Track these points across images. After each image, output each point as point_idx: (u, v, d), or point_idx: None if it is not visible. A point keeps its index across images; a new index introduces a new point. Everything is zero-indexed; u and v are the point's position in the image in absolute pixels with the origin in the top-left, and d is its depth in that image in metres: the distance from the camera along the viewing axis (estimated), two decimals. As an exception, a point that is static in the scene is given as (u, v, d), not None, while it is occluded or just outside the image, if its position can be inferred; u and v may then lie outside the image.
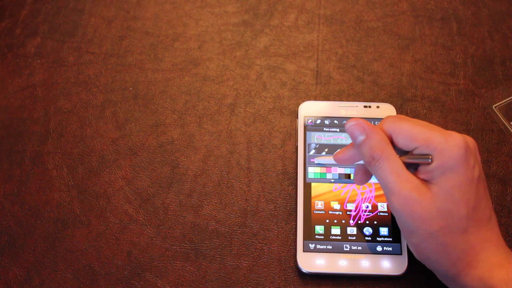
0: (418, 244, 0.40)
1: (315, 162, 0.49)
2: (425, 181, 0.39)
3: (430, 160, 0.38)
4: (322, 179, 0.48)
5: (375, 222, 0.46)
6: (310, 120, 0.51)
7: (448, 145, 0.38)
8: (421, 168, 0.40)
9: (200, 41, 0.58)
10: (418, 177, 0.39)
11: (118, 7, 0.61)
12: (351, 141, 0.48)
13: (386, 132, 0.41)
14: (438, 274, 0.41)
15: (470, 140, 0.40)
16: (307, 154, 0.50)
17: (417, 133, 0.39)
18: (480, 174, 0.39)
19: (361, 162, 0.43)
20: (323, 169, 0.49)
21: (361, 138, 0.41)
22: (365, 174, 0.44)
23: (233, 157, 0.51)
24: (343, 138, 0.50)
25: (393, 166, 0.39)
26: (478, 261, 0.38)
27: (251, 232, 0.48)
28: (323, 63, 0.57)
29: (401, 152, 0.41)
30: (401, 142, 0.40)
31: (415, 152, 0.40)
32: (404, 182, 0.39)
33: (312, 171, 0.49)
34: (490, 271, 0.38)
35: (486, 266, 0.38)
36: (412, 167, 0.40)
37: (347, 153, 0.43)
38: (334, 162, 0.45)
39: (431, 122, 0.52)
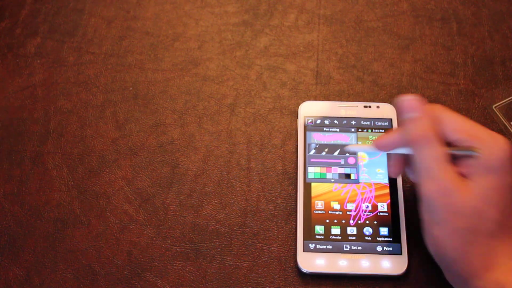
0: (439, 238, 0.38)
1: (346, 149, 0.48)
2: (463, 176, 0.38)
3: (478, 154, 0.38)
4: (322, 179, 0.48)
5: (375, 222, 0.46)
6: (310, 120, 0.51)
7: (496, 146, 0.38)
8: (462, 161, 0.39)
9: (200, 41, 0.58)
10: (456, 170, 0.39)
11: (118, 7, 0.61)
12: (353, 142, 0.47)
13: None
14: (449, 273, 0.40)
15: None
16: (307, 154, 0.50)
17: (466, 125, 0.39)
18: None
19: (399, 151, 0.42)
20: (323, 169, 0.49)
21: (413, 114, 0.40)
22: (400, 165, 0.43)
23: (233, 157, 0.51)
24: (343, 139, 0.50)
25: (437, 151, 0.38)
26: (496, 264, 0.37)
27: (251, 232, 0.48)
28: (323, 63, 0.57)
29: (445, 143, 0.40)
30: (447, 130, 0.39)
31: (460, 144, 0.39)
32: (445, 171, 0.38)
33: (312, 171, 0.49)
34: (506, 275, 0.37)
35: (504, 270, 0.37)
36: (451, 159, 0.39)
37: (389, 138, 0.42)
38: (366, 150, 0.43)
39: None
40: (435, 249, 0.39)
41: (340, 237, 0.46)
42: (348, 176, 0.49)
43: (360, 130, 0.51)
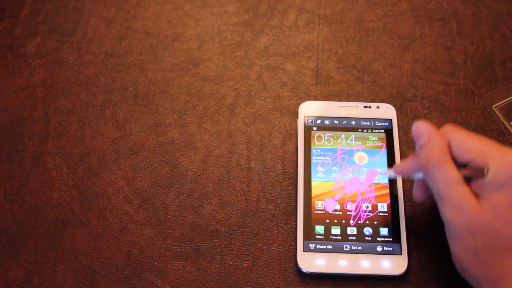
0: (460, 255, 0.39)
1: (378, 173, 0.48)
2: (477, 195, 0.39)
3: (485, 173, 0.38)
4: (322, 179, 0.48)
5: (375, 222, 0.46)
6: (310, 120, 0.51)
7: (503, 161, 0.38)
8: (473, 182, 0.39)
9: (200, 41, 0.58)
10: (471, 190, 0.39)
11: (118, 7, 0.61)
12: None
13: (445, 140, 0.40)
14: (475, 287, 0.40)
15: None
16: (306, 154, 0.49)
17: (473, 145, 0.39)
18: None
19: (418, 176, 0.42)
20: (323, 169, 0.49)
21: (423, 140, 0.41)
22: (425, 189, 0.43)
23: (233, 157, 0.51)
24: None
25: (448, 174, 0.39)
26: None
27: (251, 232, 0.48)
28: (323, 63, 0.57)
29: (457, 166, 0.40)
30: (457, 152, 0.40)
31: (470, 165, 0.39)
32: (456, 193, 0.38)
33: (313, 171, 0.49)
34: None
35: None
36: (466, 180, 0.40)
37: (407, 164, 0.43)
38: (391, 176, 0.45)
39: (431, 122, 0.52)
40: (458, 266, 0.40)
41: (340, 237, 0.46)
42: (348, 176, 0.49)
43: (360, 130, 0.51)
